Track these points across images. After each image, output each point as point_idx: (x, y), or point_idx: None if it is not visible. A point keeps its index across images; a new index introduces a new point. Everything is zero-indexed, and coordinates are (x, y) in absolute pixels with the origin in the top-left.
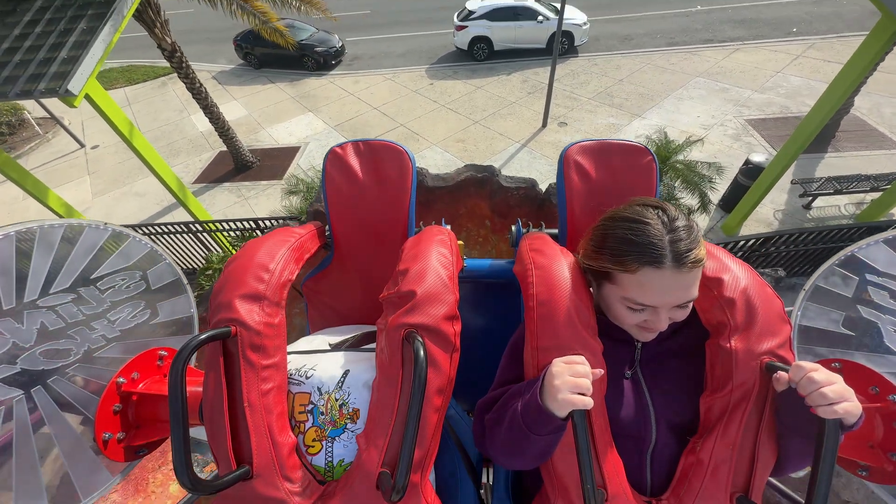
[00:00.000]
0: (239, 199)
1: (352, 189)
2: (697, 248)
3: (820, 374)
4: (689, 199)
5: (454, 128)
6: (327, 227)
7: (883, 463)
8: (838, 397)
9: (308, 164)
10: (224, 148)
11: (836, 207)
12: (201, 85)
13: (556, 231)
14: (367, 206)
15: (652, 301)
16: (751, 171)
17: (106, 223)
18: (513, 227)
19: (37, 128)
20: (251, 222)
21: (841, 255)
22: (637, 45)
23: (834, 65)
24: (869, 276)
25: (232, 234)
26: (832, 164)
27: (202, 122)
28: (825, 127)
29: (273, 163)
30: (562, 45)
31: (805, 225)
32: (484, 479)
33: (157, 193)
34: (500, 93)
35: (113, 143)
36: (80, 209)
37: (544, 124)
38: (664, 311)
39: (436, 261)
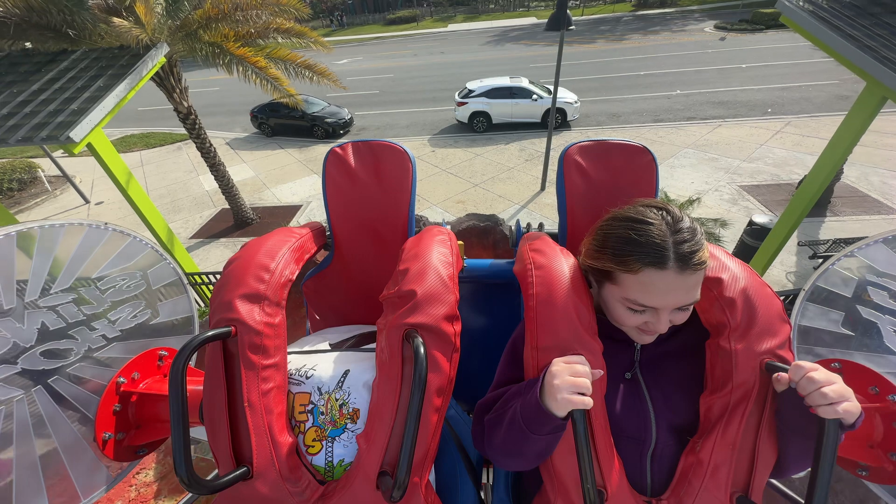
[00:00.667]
0: None
1: (352, 189)
2: (701, 250)
3: (819, 373)
4: None
5: (455, 190)
6: (327, 227)
7: (883, 463)
8: (838, 397)
9: (308, 221)
10: (226, 205)
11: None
12: (211, 145)
13: (556, 231)
14: (367, 206)
15: (653, 302)
16: (756, 232)
17: (106, 223)
18: (512, 227)
19: (46, 184)
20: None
21: (840, 255)
22: (625, 122)
23: (813, 139)
24: (869, 276)
25: None
26: (832, 227)
27: (208, 182)
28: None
29: (273, 220)
30: (556, 120)
31: None
32: (484, 479)
33: None
34: (498, 160)
35: (117, 200)
36: None
37: (543, 188)
38: (665, 312)
39: (436, 261)
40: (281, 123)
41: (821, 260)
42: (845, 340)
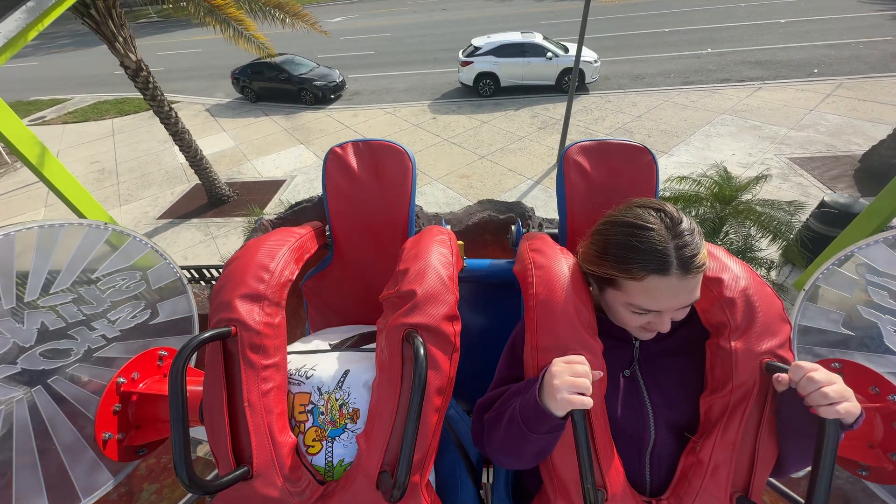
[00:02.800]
0: (205, 238)
1: (352, 189)
2: (701, 251)
3: (819, 373)
4: (769, 249)
5: (458, 163)
6: (327, 227)
7: (883, 463)
8: (838, 397)
9: (292, 200)
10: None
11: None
12: (171, 109)
13: (556, 231)
14: (367, 206)
15: (657, 307)
16: (828, 217)
17: (106, 223)
18: (513, 227)
19: (5, 157)
20: (192, 271)
21: (840, 254)
22: (650, 84)
23: (871, 104)
24: (869, 276)
25: None
26: None
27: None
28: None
29: (252, 197)
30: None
31: None
32: (484, 479)
33: None
34: (507, 127)
35: (81, 174)
36: None
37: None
38: (668, 314)
39: (436, 261)
40: (266, 87)
41: None
42: (845, 340)
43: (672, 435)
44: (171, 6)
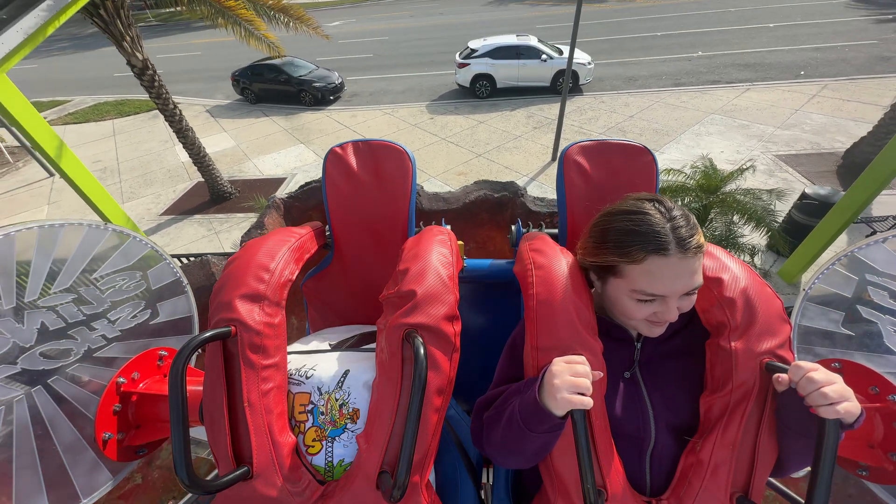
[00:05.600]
0: (208, 233)
1: (352, 189)
2: (697, 233)
3: (819, 374)
4: (754, 237)
5: (455, 160)
6: (327, 227)
7: (883, 463)
8: (838, 397)
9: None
10: (203, 178)
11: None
12: (175, 106)
13: (556, 231)
14: (367, 205)
15: (661, 290)
16: (810, 208)
17: (107, 223)
18: (513, 227)
19: (7, 156)
20: (193, 259)
21: (840, 254)
22: (643, 86)
23: (855, 104)
24: (869, 276)
25: None
26: (887, 202)
27: (185, 153)
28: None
29: (253, 194)
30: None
31: None
32: (484, 479)
33: None
34: (504, 127)
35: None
36: None
37: (554, 157)
38: (673, 299)
39: (436, 261)
40: (265, 89)
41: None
42: (845, 340)
43: (672, 436)
44: (184, 7)
